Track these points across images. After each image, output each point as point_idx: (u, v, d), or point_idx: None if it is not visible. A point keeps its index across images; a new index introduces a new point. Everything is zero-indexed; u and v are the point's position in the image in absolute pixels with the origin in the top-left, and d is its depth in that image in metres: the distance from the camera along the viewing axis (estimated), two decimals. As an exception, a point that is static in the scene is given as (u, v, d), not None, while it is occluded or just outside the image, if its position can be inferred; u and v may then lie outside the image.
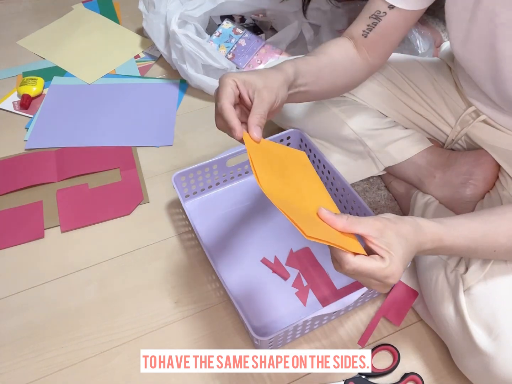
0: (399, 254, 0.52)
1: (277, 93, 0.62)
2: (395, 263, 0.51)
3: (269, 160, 0.61)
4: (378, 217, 0.55)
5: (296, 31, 1.26)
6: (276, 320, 0.82)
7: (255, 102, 0.61)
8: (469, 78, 0.81)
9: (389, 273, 0.51)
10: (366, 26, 0.75)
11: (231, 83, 0.61)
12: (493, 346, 0.63)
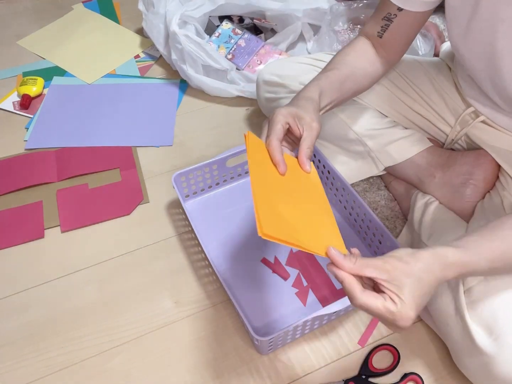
0: (410, 298, 0.50)
1: (320, 122, 0.66)
2: (405, 307, 0.49)
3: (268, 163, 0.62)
4: (389, 258, 0.52)
5: (296, 31, 1.27)
6: (276, 320, 0.82)
7: (305, 134, 0.64)
8: (468, 78, 0.81)
9: (398, 317, 0.49)
10: (380, 27, 0.77)
11: (282, 120, 0.64)
12: (493, 346, 0.64)
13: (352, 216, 0.92)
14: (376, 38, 0.79)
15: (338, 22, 1.30)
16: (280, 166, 0.62)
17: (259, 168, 0.60)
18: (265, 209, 0.55)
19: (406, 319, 0.49)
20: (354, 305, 0.51)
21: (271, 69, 1.00)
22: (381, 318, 0.51)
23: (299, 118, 0.65)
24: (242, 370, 0.78)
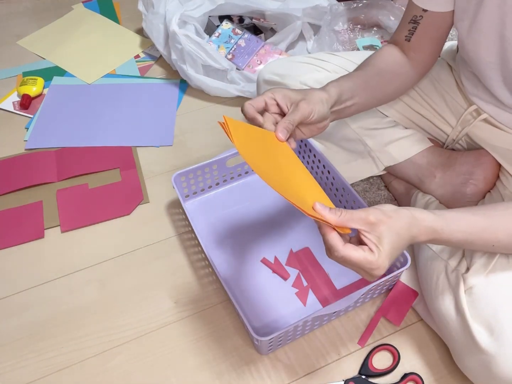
0: (387, 249, 0.54)
1: (314, 107, 0.65)
2: (382, 257, 0.54)
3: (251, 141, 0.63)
4: (373, 211, 0.56)
5: (296, 31, 1.27)
6: (276, 320, 0.82)
7: (290, 110, 0.65)
8: (471, 76, 0.81)
9: (375, 266, 0.54)
10: (407, 31, 0.78)
11: (267, 95, 0.65)
12: (494, 346, 0.63)
13: (352, 216, 0.92)
14: (405, 43, 0.79)
15: (338, 22, 1.30)
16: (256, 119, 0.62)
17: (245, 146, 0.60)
18: None
19: (382, 268, 0.54)
20: (335, 257, 0.55)
21: (272, 68, 1.00)
22: (359, 267, 0.55)
23: (289, 97, 0.65)
24: (242, 370, 0.78)
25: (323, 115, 0.67)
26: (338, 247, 0.54)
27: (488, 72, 0.74)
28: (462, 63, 0.84)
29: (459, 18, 0.72)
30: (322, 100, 0.67)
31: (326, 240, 0.55)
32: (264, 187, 1.01)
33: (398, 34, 0.80)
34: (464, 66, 0.84)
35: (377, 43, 1.28)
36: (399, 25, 0.80)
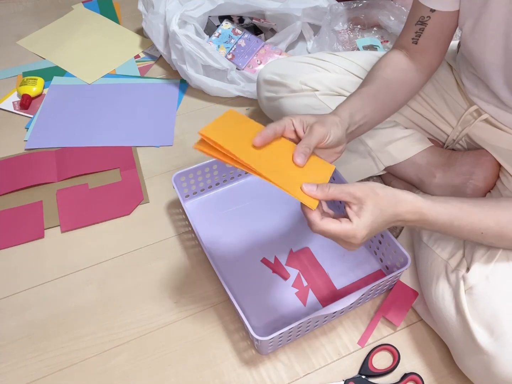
0: (367, 220, 0.57)
1: (329, 129, 0.65)
2: (359, 226, 0.57)
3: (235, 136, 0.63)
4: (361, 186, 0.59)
5: (296, 31, 1.27)
6: (276, 320, 0.82)
7: (306, 134, 0.65)
8: (472, 76, 0.81)
9: (351, 234, 0.57)
10: (414, 33, 0.77)
11: (286, 120, 0.66)
12: (494, 346, 0.63)
13: (352, 216, 0.92)
14: (412, 46, 0.78)
15: (338, 22, 1.30)
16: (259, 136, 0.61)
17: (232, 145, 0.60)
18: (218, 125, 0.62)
19: (359, 237, 0.57)
20: (315, 231, 0.59)
21: (272, 68, 1.00)
22: (337, 238, 0.59)
23: (304, 121, 0.66)
24: (242, 370, 0.78)
25: (339, 137, 0.66)
26: (316, 221, 0.58)
27: (490, 73, 0.74)
28: (463, 63, 0.84)
29: (464, 17, 0.72)
30: (336, 123, 0.67)
31: (306, 216, 0.59)
32: (264, 187, 1.02)
33: (404, 38, 0.79)
34: (465, 66, 0.84)
35: (377, 43, 1.28)
36: (404, 28, 0.79)
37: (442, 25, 0.75)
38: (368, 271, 0.88)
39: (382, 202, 0.59)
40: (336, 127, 0.66)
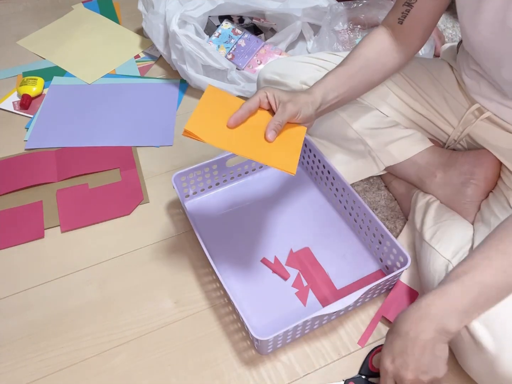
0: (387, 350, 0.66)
1: (300, 108, 0.72)
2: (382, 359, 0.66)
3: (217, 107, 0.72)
4: None
5: (296, 31, 1.27)
6: (276, 320, 0.82)
7: (278, 111, 0.71)
8: (473, 74, 0.81)
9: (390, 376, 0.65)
10: (400, 13, 0.79)
11: (262, 95, 0.72)
12: (496, 345, 0.63)
13: (352, 216, 0.92)
14: (397, 26, 0.80)
15: (338, 22, 1.30)
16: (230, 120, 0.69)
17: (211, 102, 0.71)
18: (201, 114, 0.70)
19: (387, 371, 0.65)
20: None
21: (272, 68, 1.00)
22: None
23: (277, 97, 0.71)
24: (242, 370, 0.78)
25: (308, 116, 0.74)
26: None
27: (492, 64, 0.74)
28: (464, 61, 0.84)
29: (461, 7, 0.72)
30: (308, 103, 0.73)
31: None
32: (265, 187, 1.02)
33: (391, 16, 0.82)
34: (465, 64, 0.83)
35: (377, 43, 1.27)
36: (393, 7, 0.82)
37: (427, 9, 0.77)
38: (368, 271, 0.88)
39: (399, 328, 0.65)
40: (307, 107, 0.73)
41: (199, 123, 0.69)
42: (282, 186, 1.02)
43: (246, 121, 0.71)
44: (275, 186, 1.02)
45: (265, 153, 0.68)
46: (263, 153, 0.68)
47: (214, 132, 0.69)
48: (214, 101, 0.74)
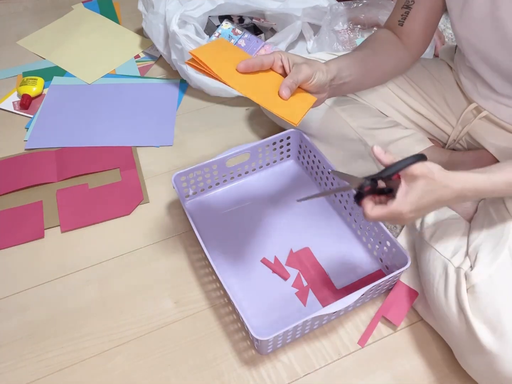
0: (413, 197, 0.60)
1: (315, 71, 0.69)
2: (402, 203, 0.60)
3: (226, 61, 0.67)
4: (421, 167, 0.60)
5: (296, 31, 1.26)
6: (276, 320, 0.82)
7: (292, 70, 0.68)
8: (469, 73, 0.81)
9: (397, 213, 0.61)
10: (400, 16, 0.80)
11: (276, 55, 0.69)
12: (497, 344, 0.63)
13: (352, 217, 0.92)
14: (398, 27, 0.81)
15: (338, 22, 1.30)
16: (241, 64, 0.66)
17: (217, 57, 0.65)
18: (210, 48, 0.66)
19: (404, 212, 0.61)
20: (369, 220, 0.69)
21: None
22: (388, 220, 0.63)
23: (291, 59, 0.69)
24: (242, 370, 0.78)
25: (323, 82, 0.70)
26: (367, 212, 0.62)
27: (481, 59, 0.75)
28: (460, 61, 0.85)
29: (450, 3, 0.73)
30: (323, 70, 0.70)
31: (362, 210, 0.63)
32: (265, 187, 1.02)
33: (391, 19, 0.83)
34: (462, 64, 0.84)
35: (377, 43, 1.28)
36: (393, 10, 0.83)
37: (426, 10, 0.78)
38: (368, 271, 0.88)
39: (434, 183, 0.60)
40: (321, 73, 0.70)
41: (207, 53, 0.64)
42: (282, 186, 1.02)
43: (256, 73, 0.67)
44: (275, 186, 1.02)
45: (272, 101, 0.65)
46: (270, 100, 0.64)
47: (222, 66, 0.64)
48: (223, 47, 0.70)
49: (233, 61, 0.66)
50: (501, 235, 0.73)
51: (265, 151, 1.00)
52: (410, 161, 0.62)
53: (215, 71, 0.61)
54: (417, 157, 0.62)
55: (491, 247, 0.72)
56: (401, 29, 0.81)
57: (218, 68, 0.62)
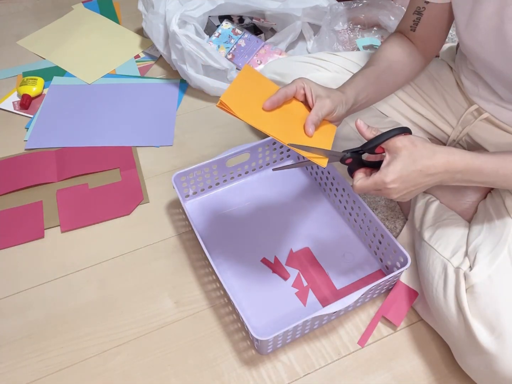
0: (396, 167, 0.62)
1: (337, 106, 0.70)
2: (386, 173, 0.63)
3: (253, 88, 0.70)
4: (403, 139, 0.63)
5: (296, 31, 1.27)
6: (276, 320, 0.82)
7: (316, 105, 0.69)
8: (471, 75, 0.81)
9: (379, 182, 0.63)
10: (412, 21, 0.80)
11: (299, 84, 0.70)
12: (495, 344, 0.63)
13: (352, 217, 0.92)
14: (410, 33, 0.81)
15: (338, 22, 1.30)
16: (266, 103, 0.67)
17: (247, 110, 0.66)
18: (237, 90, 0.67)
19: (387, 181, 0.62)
20: (356, 193, 0.68)
21: (272, 68, 1.00)
22: (374, 191, 0.65)
23: (315, 91, 0.69)
24: (242, 370, 0.78)
25: (341, 116, 0.72)
26: (353, 182, 0.66)
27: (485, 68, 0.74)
28: (462, 62, 0.84)
29: (457, 11, 0.73)
30: (343, 102, 0.71)
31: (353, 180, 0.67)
32: (264, 187, 1.02)
33: (404, 24, 0.82)
34: (464, 65, 0.84)
35: (377, 43, 1.28)
36: (404, 14, 0.82)
37: (437, 16, 0.77)
38: (368, 271, 0.88)
39: (417, 153, 0.62)
40: (341, 106, 0.71)
41: (234, 97, 0.66)
42: (282, 186, 1.02)
43: (280, 107, 0.69)
44: (275, 186, 1.02)
45: (298, 139, 0.66)
46: (298, 140, 0.66)
47: (249, 110, 0.66)
48: (250, 80, 0.72)
49: (259, 97, 0.68)
50: (501, 236, 0.73)
51: (265, 151, 1.00)
52: (392, 134, 0.64)
53: (242, 118, 0.64)
54: (401, 130, 0.64)
55: (491, 247, 0.72)
56: (414, 34, 0.80)
57: (244, 114, 0.65)
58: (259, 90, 0.70)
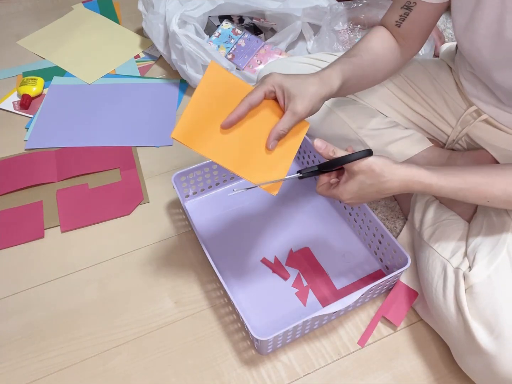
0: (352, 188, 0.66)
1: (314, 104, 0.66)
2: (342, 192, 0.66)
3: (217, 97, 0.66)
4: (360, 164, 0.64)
5: (296, 31, 1.27)
6: (276, 320, 0.82)
7: (287, 114, 0.65)
8: (470, 76, 0.81)
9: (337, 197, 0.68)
10: (398, 16, 0.78)
11: (267, 88, 0.65)
12: (494, 345, 0.63)
13: (352, 217, 0.92)
14: (395, 28, 0.79)
15: (338, 22, 1.30)
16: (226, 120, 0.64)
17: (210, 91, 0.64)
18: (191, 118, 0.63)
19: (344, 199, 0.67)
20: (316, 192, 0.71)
21: (272, 68, 1.00)
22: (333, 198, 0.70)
23: (288, 95, 0.65)
24: (242, 370, 0.78)
25: (316, 111, 0.68)
26: (316, 187, 0.71)
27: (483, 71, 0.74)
28: (461, 63, 0.84)
29: (456, 14, 0.73)
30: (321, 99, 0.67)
31: None
32: (264, 187, 1.01)
33: (389, 18, 0.80)
34: (463, 67, 0.84)
35: (377, 43, 1.28)
36: (390, 8, 0.80)
37: (426, 14, 0.76)
38: (368, 271, 0.88)
39: (373, 179, 0.64)
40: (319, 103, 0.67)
41: (188, 125, 0.63)
42: (282, 186, 1.01)
43: (247, 118, 0.66)
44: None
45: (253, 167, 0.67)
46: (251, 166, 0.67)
47: (204, 135, 0.63)
48: (215, 86, 0.66)
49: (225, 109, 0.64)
50: (500, 236, 0.73)
51: (265, 151, 1.00)
52: (350, 159, 0.64)
53: (197, 150, 0.62)
54: (361, 154, 0.64)
55: (490, 247, 0.72)
56: (398, 30, 0.79)
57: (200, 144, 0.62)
58: (226, 99, 0.65)
